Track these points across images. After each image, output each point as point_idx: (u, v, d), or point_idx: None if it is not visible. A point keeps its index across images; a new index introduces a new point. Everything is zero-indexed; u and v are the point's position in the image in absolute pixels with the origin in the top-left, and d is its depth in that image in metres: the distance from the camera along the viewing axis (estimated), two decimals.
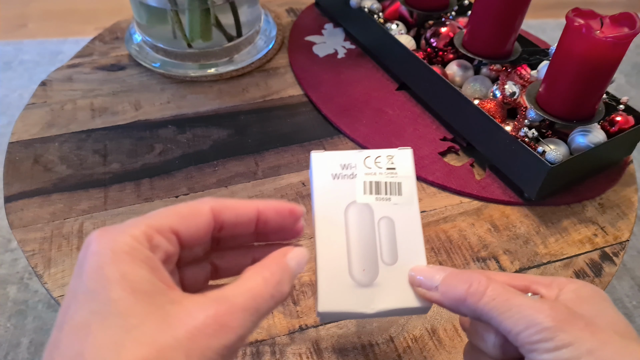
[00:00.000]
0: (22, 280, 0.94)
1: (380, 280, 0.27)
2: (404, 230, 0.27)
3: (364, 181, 0.28)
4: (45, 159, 0.53)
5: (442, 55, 0.58)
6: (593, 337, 0.22)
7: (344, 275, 0.27)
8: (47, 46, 1.46)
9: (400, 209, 0.28)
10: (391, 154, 0.29)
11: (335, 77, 0.63)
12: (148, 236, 0.22)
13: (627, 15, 0.43)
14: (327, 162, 0.29)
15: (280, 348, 0.39)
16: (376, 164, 0.28)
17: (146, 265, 0.21)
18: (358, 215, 0.27)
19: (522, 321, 0.22)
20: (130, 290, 0.20)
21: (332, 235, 0.27)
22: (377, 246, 0.27)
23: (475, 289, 0.24)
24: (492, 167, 0.52)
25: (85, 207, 0.48)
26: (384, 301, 0.27)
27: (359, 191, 0.28)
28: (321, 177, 0.28)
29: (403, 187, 0.28)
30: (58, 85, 0.62)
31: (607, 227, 0.48)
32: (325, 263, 0.27)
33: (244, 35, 0.64)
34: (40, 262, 0.44)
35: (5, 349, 0.84)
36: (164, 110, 0.59)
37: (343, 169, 0.28)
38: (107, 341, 0.19)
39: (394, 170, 0.28)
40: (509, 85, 0.52)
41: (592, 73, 0.44)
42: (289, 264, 0.24)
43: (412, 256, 0.27)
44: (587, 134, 0.48)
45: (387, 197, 0.28)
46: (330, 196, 0.28)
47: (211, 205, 0.24)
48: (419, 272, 0.26)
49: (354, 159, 0.29)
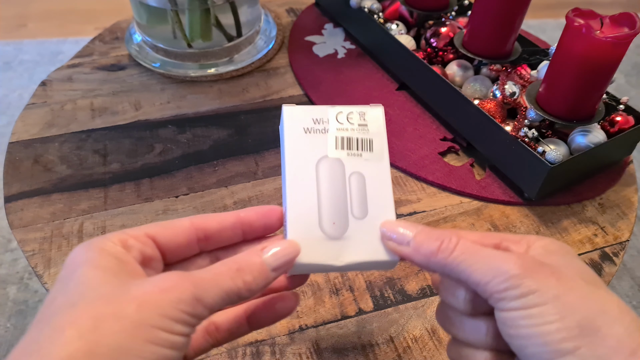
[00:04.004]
0: (22, 280, 0.94)
1: (350, 233, 0.27)
2: (374, 185, 0.28)
3: (336, 136, 0.28)
4: (45, 159, 0.53)
5: (442, 55, 0.58)
6: (559, 283, 0.22)
7: (314, 229, 0.27)
8: (47, 46, 1.46)
9: (371, 164, 0.28)
10: (363, 110, 0.29)
11: (336, 77, 0.63)
12: (122, 240, 0.23)
13: (627, 15, 0.43)
14: (299, 115, 0.29)
15: (280, 348, 0.39)
16: (348, 120, 0.29)
17: (114, 257, 0.22)
18: (329, 170, 0.27)
19: (489, 272, 0.23)
20: (93, 267, 0.21)
21: (302, 188, 0.27)
22: (348, 200, 0.27)
23: (446, 245, 0.24)
24: (492, 167, 0.52)
25: (85, 207, 0.48)
26: (353, 254, 0.27)
27: (331, 146, 0.28)
28: (293, 131, 0.28)
29: (374, 143, 0.28)
30: (58, 85, 0.62)
31: (607, 227, 0.48)
32: (295, 216, 0.27)
33: (244, 35, 0.64)
34: (40, 262, 0.44)
35: (5, 349, 0.84)
36: (164, 110, 0.59)
37: (315, 123, 0.28)
38: (64, 302, 0.20)
39: (366, 126, 0.29)
40: (509, 85, 0.52)
41: (592, 73, 0.44)
42: (262, 258, 0.24)
43: (382, 211, 0.27)
44: (587, 134, 0.48)
45: (358, 152, 0.28)
46: (302, 150, 0.28)
47: (190, 219, 0.26)
48: (392, 226, 0.26)
49: (326, 113, 0.29)
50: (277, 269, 0.24)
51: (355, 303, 0.42)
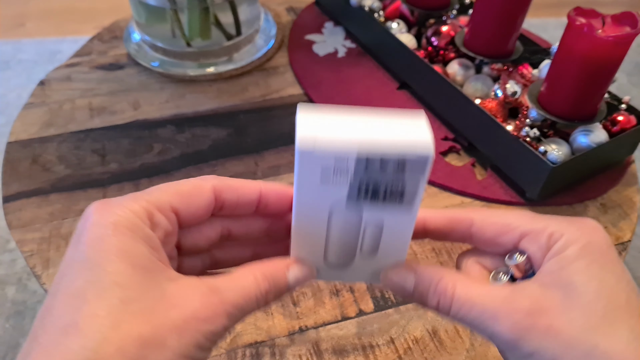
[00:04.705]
0: (20, 280, 0.93)
1: (353, 265, 0.26)
2: (392, 233, 0.24)
3: (360, 183, 0.22)
4: (44, 158, 0.53)
5: (443, 55, 0.58)
6: (556, 341, 0.20)
7: (318, 261, 0.26)
8: (45, 45, 1.46)
9: (394, 214, 0.23)
10: (403, 157, 0.21)
11: (336, 76, 0.62)
12: (149, 213, 0.21)
13: (628, 15, 0.43)
14: (317, 152, 0.21)
15: (280, 349, 0.39)
16: (381, 169, 0.21)
17: (146, 243, 0.21)
18: (343, 221, 0.24)
19: (485, 334, 0.22)
20: (130, 264, 0.20)
21: (309, 232, 0.24)
22: (359, 244, 0.25)
23: (443, 304, 0.24)
24: (493, 167, 0.52)
25: (84, 207, 0.48)
26: (355, 277, 0.26)
27: (352, 193, 0.22)
28: (307, 172, 0.22)
29: (406, 195, 0.22)
30: (56, 84, 0.61)
31: (609, 227, 0.48)
32: (299, 252, 0.25)
33: (243, 34, 0.63)
34: (39, 262, 0.43)
35: (3, 349, 0.83)
36: (162, 110, 0.58)
37: (337, 161, 0.21)
38: (103, 312, 0.18)
39: (403, 174, 0.21)
40: (511, 85, 0.51)
41: (594, 72, 0.43)
42: (287, 278, 0.24)
43: (393, 252, 0.25)
44: (589, 133, 0.47)
45: (382, 202, 0.23)
46: (315, 194, 0.22)
47: (213, 184, 0.24)
48: (392, 278, 0.26)
49: (354, 152, 0.21)
50: (292, 289, 0.25)
51: (356, 304, 0.41)
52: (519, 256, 0.24)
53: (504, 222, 0.24)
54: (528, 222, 0.24)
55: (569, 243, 0.22)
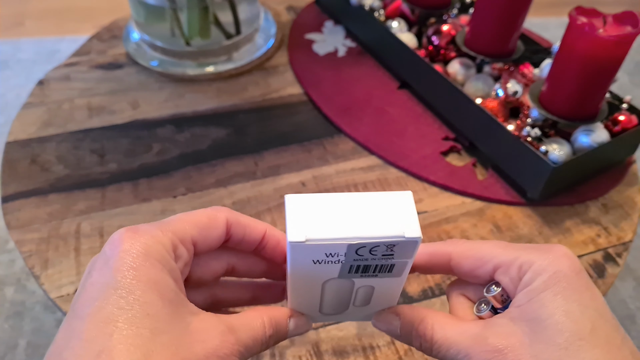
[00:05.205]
0: (19, 281, 0.93)
1: (347, 312, 0.28)
2: (384, 291, 0.26)
3: (351, 265, 0.23)
4: (43, 158, 0.52)
5: (444, 54, 0.58)
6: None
7: (313, 313, 0.28)
8: (44, 45, 1.46)
9: (384, 280, 0.24)
10: (393, 242, 0.22)
11: (336, 76, 0.62)
12: (174, 245, 0.22)
13: (630, 14, 0.42)
14: (307, 249, 0.22)
15: (280, 351, 0.38)
16: (371, 252, 0.22)
17: (171, 275, 0.22)
18: (337, 286, 0.25)
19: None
20: (159, 295, 0.20)
21: (305, 293, 0.26)
22: (352, 300, 0.27)
23: (424, 345, 0.25)
24: (494, 167, 0.52)
25: (83, 207, 0.48)
26: (344, 319, 0.29)
27: (343, 272, 0.23)
28: (299, 263, 0.23)
29: (395, 267, 0.23)
30: (55, 84, 0.61)
31: (610, 227, 0.48)
32: (296, 306, 0.27)
33: (243, 33, 0.63)
34: (38, 263, 0.43)
35: (2, 350, 0.83)
36: (162, 110, 0.58)
37: (327, 256, 0.22)
38: (135, 342, 0.19)
39: (392, 255, 0.23)
40: (512, 84, 0.51)
41: (595, 72, 0.43)
42: (289, 327, 0.26)
43: (385, 303, 0.27)
44: (590, 133, 0.47)
45: (373, 274, 0.24)
46: (308, 276, 0.24)
47: (227, 217, 0.25)
48: (381, 322, 0.27)
49: (343, 248, 0.22)
50: (289, 337, 0.27)
51: None
52: (495, 288, 0.25)
53: (477, 256, 0.25)
54: (500, 254, 0.25)
55: (537, 274, 0.23)
